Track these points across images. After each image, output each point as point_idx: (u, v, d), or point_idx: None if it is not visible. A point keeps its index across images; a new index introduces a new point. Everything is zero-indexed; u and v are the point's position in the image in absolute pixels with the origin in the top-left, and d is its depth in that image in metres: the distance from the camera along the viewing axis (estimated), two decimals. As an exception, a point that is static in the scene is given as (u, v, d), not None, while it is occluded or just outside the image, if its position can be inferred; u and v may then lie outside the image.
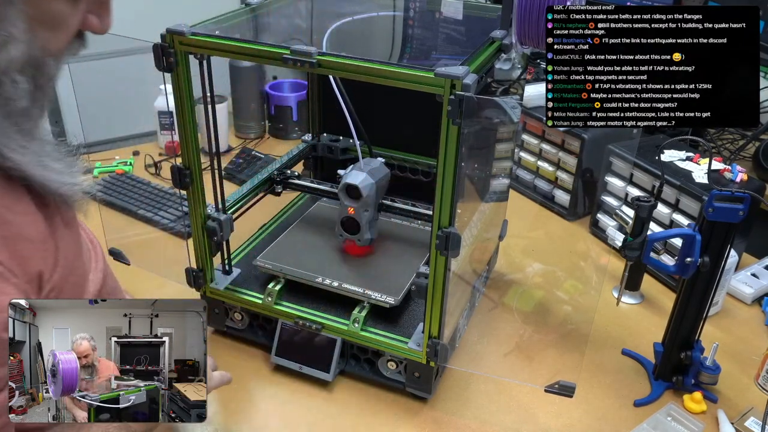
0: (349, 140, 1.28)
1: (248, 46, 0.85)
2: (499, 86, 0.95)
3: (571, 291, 1.15)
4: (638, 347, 1.08)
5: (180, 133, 0.93)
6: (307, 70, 0.83)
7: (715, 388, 1.00)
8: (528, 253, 1.31)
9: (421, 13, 1.19)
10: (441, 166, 0.79)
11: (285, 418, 0.95)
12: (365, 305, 0.99)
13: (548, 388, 0.90)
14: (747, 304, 1.20)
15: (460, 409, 0.97)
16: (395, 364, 0.97)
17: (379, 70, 0.78)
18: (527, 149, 1.50)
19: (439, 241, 0.83)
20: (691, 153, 1.26)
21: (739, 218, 0.88)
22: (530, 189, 1.51)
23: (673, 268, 0.94)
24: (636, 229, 0.93)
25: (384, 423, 0.94)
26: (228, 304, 1.05)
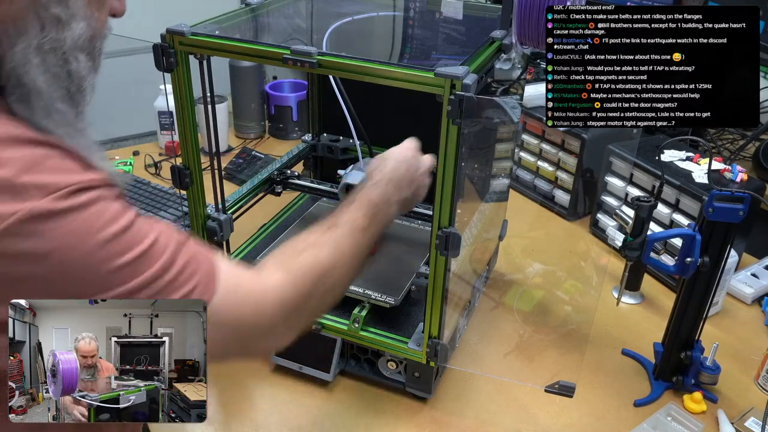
0: (349, 140, 1.28)
1: (248, 46, 0.85)
2: (499, 86, 0.95)
3: (571, 291, 1.15)
4: (638, 347, 1.08)
5: (180, 133, 0.94)
6: (307, 70, 0.83)
7: (715, 388, 1.00)
8: (528, 253, 1.31)
9: (421, 13, 1.19)
10: (441, 166, 0.79)
11: (285, 418, 0.95)
12: (365, 305, 0.99)
13: (548, 388, 0.90)
14: (747, 304, 1.20)
15: (460, 409, 0.97)
16: (395, 364, 0.97)
17: (379, 70, 0.78)
18: (527, 149, 1.50)
19: (439, 241, 0.83)
20: (691, 153, 1.26)
21: (739, 218, 0.88)
22: (530, 189, 1.51)
23: (673, 268, 0.94)
24: (636, 229, 0.93)
25: (384, 423, 0.94)
26: (228, 304, 1.05)
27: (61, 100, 0.55)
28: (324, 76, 1.21)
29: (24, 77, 0.53)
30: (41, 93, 0.54)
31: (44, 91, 0.54)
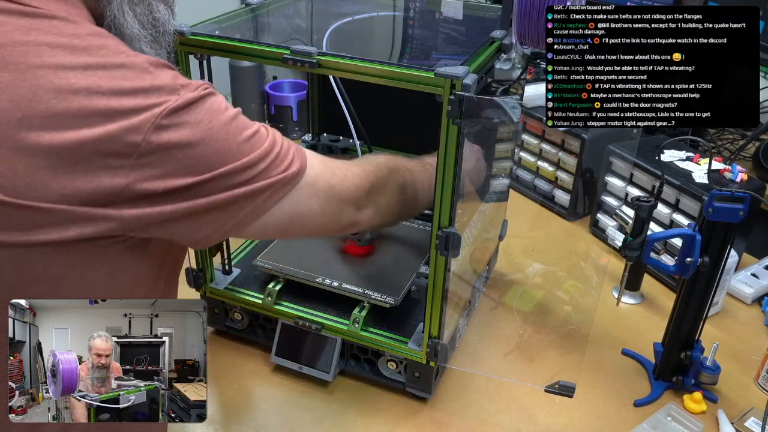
0: (349, 140, 1.28)
1: (248, 46, 0.85)
2: (499, 86, 0.95)
3: (571, 291, 1.15)
4: (638, 347, 1.08)
5: (180, 133, 0.93)
6: (307, 70, 0.83)
7: (715, 388, 1.00)
8: (528, 253, 1.31)
9: (421, 13, 1.19)
10: (441, 166, 0.79)
11: (285, 418, 0.95)
12: (365, 305, 0.99)
13: (548, 388, 0.90)
14: (747, 304, 1.20)
15: (460, 409, 0.97)
16: (395, 364, 0.97)
17: (379, 70, 0.78)
18: (527, 149, 1.50)
19: (439, 241, 0.83)
20: (691, 153, 1.26)
21: (739, 218, 0.88)
22: (530, 189, 1.51)
23: (673, 268, 0.94)
24: (636, 229, 0.93)
25: (384, 423, 0.94)
26: (228, 304, 1.05)
27: (147, 44, 0.66)
28: (324, 76, 1.21)
29: (122, 27, 0.64)
30: (134, 38, 0.65)
31: (136, 36, 0.65)
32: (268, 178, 0.64)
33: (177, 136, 0.57)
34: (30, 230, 0.53)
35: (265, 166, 0.64)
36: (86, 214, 0.54)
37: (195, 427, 0.91)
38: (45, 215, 0.53)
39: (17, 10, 0.55)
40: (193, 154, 0.58)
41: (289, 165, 0.67)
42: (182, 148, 0.57)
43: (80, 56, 0.54)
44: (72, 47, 0.55)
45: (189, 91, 0.59)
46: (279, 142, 0.67)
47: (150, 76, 0.57)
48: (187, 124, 0.58)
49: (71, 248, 0.55)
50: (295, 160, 0.68)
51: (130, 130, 0.54)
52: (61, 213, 0.53)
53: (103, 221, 0.56)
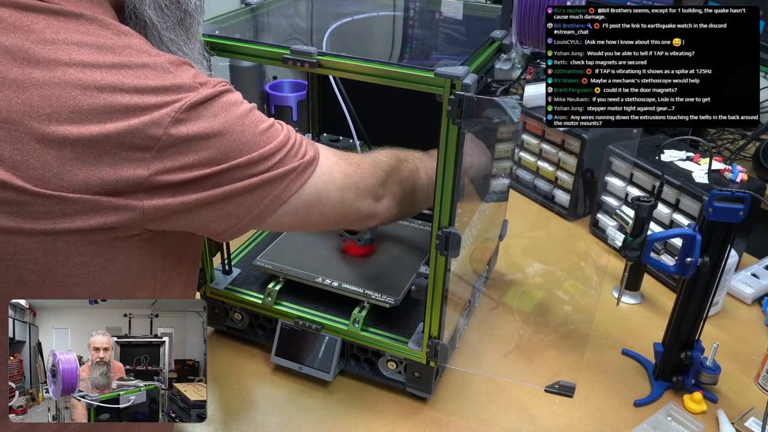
0: (349, 140, 1.27)
1: (248, 46, 0.85)
2: (499, 86, 0.95)
3: (571, 291, 1.15)
4: (638, 347, 1.08)
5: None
6: (307, 70, 0.83)
7: (715, 388, 1.00)
8: (528, 253, 1.31)
9: (421, 13, 1.19)
10: (441, 166, 0.79)
11: (285, 418, 0.95)
12: (365, 305, 0.99)
13: (548, 388, 0.90)
14: (747, 304, 1.20)
15: (460, 409, 0.97)
16: (395, 364, 0.97)
17: (379, 70, 0.78)
18: (527, 149, 1.50)
19: (439, 241, 0.83)
20: (691, 153, 1.26)
21: (740, 218, 0.88)
22: (530, 189, 1.51)
23: (673, 268, 0.94)
24: (636, 229, 0.93)
25: (384, 423, 0.94)
26: (228, 304, 1.05)
27: (168, 29, 0.68)
28: (324, 76, 1.21)
29: (141, 14, 0.66)
30: (153, 25, 0.66)
31: (155, 23, 0.66)
32: (285, 166, 0.67)
33: (195, 129, 0.60)
34: (57, 218, 0.56)
35: (282, 157, 0.67)
36: (109, 203, 0.57)
37: (195, 427, 0.91)
38: (71, 204, 0.56)
39: (48, 9, 0.57)
40: (212, 145, 0.61)
41: (304, 154, 0.70)
42: (201, 139, 0.60)
43: (106, 55, 0.57)
44: (98, 46, 0.58)
45: (208, 87, 0.62)
46: (293, 135, 0.70)
47: (171, 75, 0.60)
48: (205, 117, 0.61)
49: (93, 237, 0.58)
50: (309, 151, 0.71)
51: (151, 124, 0.57)
52: (86, 202, 0.56)
53: (125, 211, 0.58)
